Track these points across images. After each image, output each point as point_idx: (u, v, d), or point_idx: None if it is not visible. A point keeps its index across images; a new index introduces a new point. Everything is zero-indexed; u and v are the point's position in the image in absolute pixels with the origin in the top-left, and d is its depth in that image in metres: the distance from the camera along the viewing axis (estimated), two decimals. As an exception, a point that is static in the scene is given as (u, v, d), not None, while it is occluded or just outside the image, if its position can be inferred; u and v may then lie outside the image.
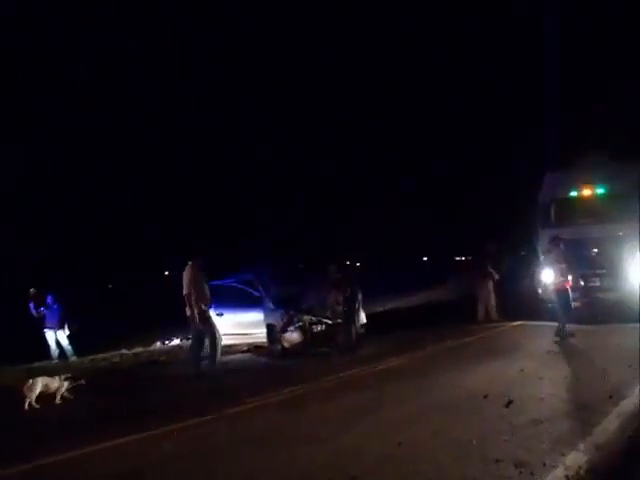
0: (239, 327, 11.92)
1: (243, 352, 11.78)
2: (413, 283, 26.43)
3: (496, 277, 13.85)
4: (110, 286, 46.23)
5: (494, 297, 13.81)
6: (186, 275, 9.32)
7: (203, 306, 9.29)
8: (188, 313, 9.27)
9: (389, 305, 19.76)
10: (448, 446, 5.17)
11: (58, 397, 7.82)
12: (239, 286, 12.15)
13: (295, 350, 10.67)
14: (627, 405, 6.08)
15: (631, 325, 9.83)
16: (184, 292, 9.23)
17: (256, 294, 11.82)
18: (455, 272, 33.04)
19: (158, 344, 14.16)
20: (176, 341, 14.17)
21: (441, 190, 48.34)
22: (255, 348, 11.75)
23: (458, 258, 57.30)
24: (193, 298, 9.14)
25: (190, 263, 9.42)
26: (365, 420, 6.13)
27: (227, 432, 6.17)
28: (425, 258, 64.37)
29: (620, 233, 10.91)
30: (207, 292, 9.49)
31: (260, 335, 11.62)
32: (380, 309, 18.76)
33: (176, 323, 14.47)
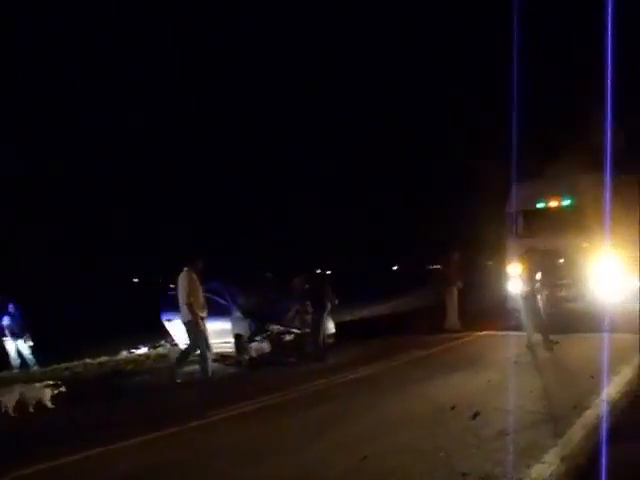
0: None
1: (211, 362, 11.58)
2: (383, 292, 26.47)
3: (460, 286, 13.95)
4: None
5: (456, 307, 13.92)
6: (183, 281, 9.22)
7: (200, 314, 9.22)
8: (185, 320, 9.13)
9: (358, 314, 19.74)
10: (415, 459, 5.13)
11: (49, 404, 7.70)
12: (206, 295, 11.97)
13: (263, 360, 10.56)
14: (590, 415, 6.13)
15: (596, 335, 9.97)
16: (183, 300, 9.13)
17: (224, 303, 11.66)
18: (425, 281, 33.33)
19: (124, 353, 13.87)
20: (143, 349, 13.91)
21: (411, 200, 48.73)
22: (222, 358, 11.59)
23: (430, 267, 57.92)
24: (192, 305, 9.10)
25: (186, 269, 9.29)
26: (331, 432, 6.06)
27: (191, 445, 6.04)
28: (395, 267, 64.84)
29: (585, 244, 11.08)
30: (203, 299, 9.42)
31: (228, 345, 11.47)
32: (349, 318, 18.73)
33: (142, 331, 14.28)
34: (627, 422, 5.81)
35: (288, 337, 11.01)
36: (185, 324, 9.48)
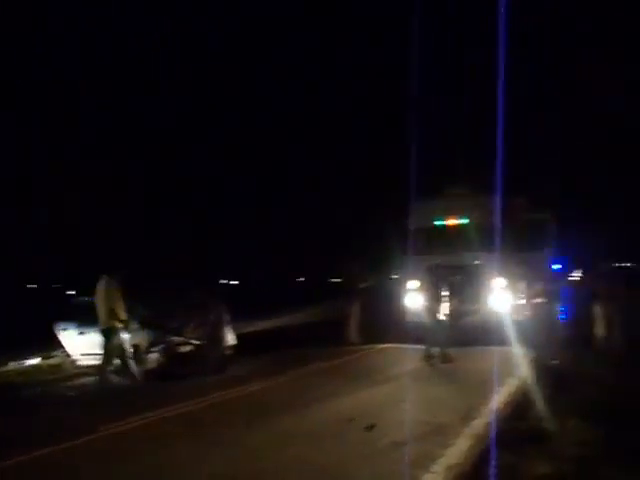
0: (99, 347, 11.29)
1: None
2: (287, 303, 26.51)
3: (362, 299, 14.38)
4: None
5: (358, 319, 14.30)
6: (102, 289, 9.25)
7: (120, 323, 9.22)
8: (104, 327, 9.18)
9: (261, 325, 19.66)
10: (309, 473, 5.19)
11: None
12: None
13: (160, 372, 10.28)
14: (477, 425, 6.47)
15: (489, 348, 10.52)
16: (103, 306, 9.16)
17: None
18: (329, 293, 33.77)
19: (12, 364, 13.00)
20: (34, 360, 13.11)
21: (315, 214, 49.34)
22: (119, 370, 11.15)
23: (331, 280, 58.73)
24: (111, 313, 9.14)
25: (106, 277, 9.32)
26: (225, 447, 5.98)
27: (79, 463, 5.77)
28: (301, 279, 65.17)
29: (477, 261, 11.68)
30: (124, 308, 9.38)
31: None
32: (252, 329, 18.61)
33: (34, 340, 13.46)
34: (511, 430, 6.16)
35: (187, 348, 10.79)
36: (102, 331, 9.38)
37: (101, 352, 9.50)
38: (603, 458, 5.12)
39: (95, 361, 10.93)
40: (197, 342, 10.77)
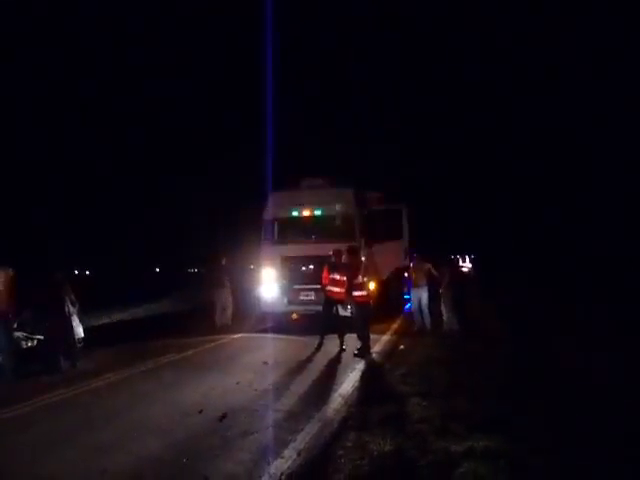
0: None
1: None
2: (142, 294, 25.58)
3: (228, 287, 14.47)
4: None
5: (230, 305, 14.43)
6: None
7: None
8: None
9: (115, 317, 18.82)
10: (158, 468, 5.05)
11: None
12: None
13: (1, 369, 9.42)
14: (328, 410, 6.67)
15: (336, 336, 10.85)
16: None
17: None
18: (185, 283, 33.05)
19: None
20: None
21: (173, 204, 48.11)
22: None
23: (190, 270, 57.59)
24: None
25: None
26: (67, 446, 5.64)
27: None
28: (157, 269, 63.26)
29: (331, 252, 11.94)
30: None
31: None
32: (106, 321, 17.76)
33: None
34: (357, 414, 6.42)
35: (30, 344, 10.00)
36: None
37: None
38: (438, 433, 5.49)
39: None
40: (39, 337, 10.03)
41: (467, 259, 16.04)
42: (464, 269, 15.32)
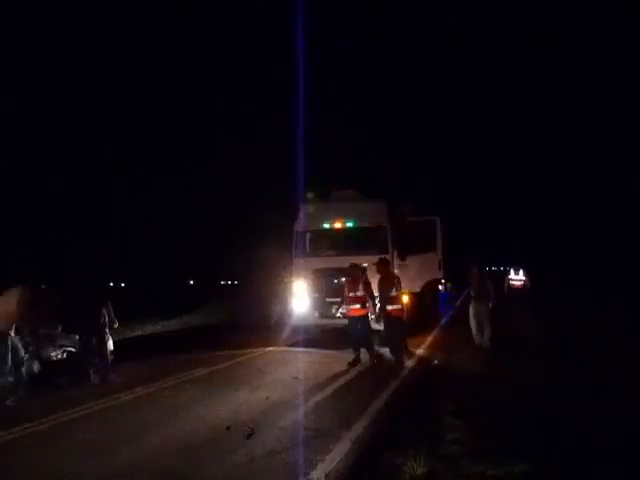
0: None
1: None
2: (175, 307, 25.74)
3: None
4: None
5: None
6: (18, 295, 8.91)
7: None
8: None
9: (148, 329, 18.93)
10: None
11: None
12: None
13: (30, 381, 9.44)
14: (357, 429, 6.44)
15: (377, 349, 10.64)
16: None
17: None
18: (218, 296, 33.14)
19: None
20: None
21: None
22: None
23: (223, 282, 57.97)
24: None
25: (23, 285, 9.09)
26: (88, 465, 5.50)
27: None
28: (191, 282, 63.85)
29: (365, 264, 11.76)
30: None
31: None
32: (139, 333, 17.88)
33: None
34: (388, 433, 6.18)
35: (60, 356, 10.02)
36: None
37: None
38: (473, 455, 5.22)
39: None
40: (72, 349, 10.05)
41: (521, 272, 15.35)
42: (517, 282, 14.71)
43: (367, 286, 10.83)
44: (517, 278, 15.27)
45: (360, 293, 10.72)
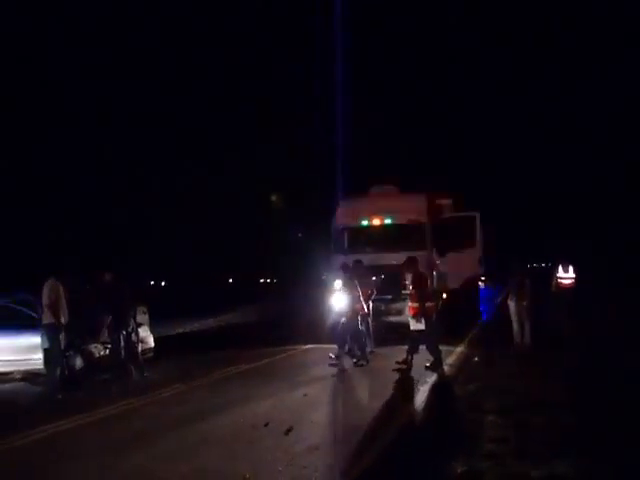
0: (13, 352, 10.54)
1: (18, 381, 10.44)
2: (215, 305, 26.09)
3: None
4: None
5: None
6: (47, 288, 9.25)
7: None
8: (46, 322, 9.19)
9: (188, 327, 19.24)
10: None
11: None
12: (13, 306, 10.77)
13: (75, 377, 9.71)
14: (397, 426, 6.39)
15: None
16: (45, 303, 9.19)
17: (33, 315, 10.56)
18: (256, 294, 33.45)
19: None
20: None
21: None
22: (33, 376, 10.46)
23: (262, 280, 58.42)
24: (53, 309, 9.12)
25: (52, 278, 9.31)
26: (130, 456, 5.61)
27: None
28: (230, 280, 64.44)
29: (404, 261, 11.62)
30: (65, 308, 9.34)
31: (37, 361, 10.36)
32: (180, 331, 18.18)
33: None
34: (427, 432, 6.12)
35: (103, 352, 10.26)
36: (45, 326, 9.38)
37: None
38: (516, 454, 5.12)
39: (5, 368, 10.30)
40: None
41: (570, 268, 14.81)
42: (566, 281, 14.20)
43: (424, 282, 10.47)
44: (567, 276, 14.77)
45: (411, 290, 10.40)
